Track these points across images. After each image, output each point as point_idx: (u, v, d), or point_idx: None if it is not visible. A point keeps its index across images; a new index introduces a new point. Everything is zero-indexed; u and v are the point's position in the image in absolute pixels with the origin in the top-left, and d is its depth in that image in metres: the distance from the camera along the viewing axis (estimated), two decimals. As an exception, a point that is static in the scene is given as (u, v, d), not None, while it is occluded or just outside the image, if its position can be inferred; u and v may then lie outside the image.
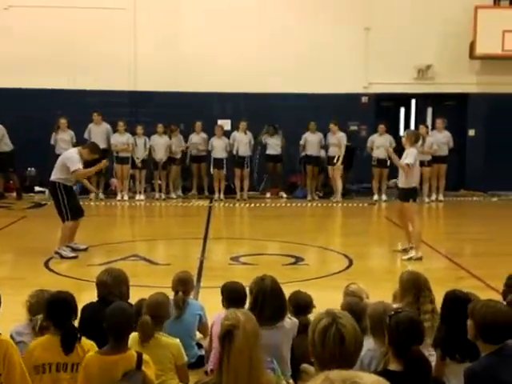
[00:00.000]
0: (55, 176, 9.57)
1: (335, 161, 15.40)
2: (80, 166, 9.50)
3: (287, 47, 16.17)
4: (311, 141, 15.79)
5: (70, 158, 9.54)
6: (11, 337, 4.39)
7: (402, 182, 9.66)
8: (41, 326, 4.50)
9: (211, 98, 16.19)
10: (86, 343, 4.10)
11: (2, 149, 15.39)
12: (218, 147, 15.64)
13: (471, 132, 17.04)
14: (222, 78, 15.89)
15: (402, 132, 17.06)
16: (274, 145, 15.93)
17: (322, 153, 15.85)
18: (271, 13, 16.32)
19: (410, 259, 9.37)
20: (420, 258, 9.41)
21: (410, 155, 9.49)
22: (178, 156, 15.82)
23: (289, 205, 15.31)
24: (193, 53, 16.01)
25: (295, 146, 15.85)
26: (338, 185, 15.53)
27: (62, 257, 9.30)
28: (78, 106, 15.67)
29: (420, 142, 10.88)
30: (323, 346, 2.80)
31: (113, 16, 16.09)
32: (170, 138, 15.66)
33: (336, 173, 15.48)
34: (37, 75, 15.73)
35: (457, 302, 4.38)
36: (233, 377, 3.03)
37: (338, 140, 15.40)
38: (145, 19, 16.24)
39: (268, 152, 16.02)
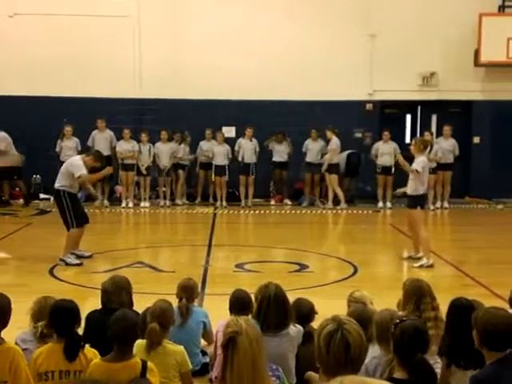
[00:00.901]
0: (59, 183, 9.59)
1: (322, 169, 15.38)
2: (84, 171, 9.54)
3: (292, 54, 16.19)
4: (312, 148, 15.80)
5: (73, 164, 9.58)
6: (16, 344, 4.39)
7: (410, 188, 9.66)
8: (42, 333, 4.50)
9: (216, 104, 16.20)
10: (89, 351, 4.10)
11: None
12: (219, 154, 15.66)
13: (476, 139, 17.01)
14: (227, 85, 15.92)
15: (407, 139, 17.07)
16: (280, 152, 15.93)
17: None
18: (276, 19, 16.35)
19: (421, 267, 9.34)
20: (431, 265, 9.37)
21: (418, 163, 9.51)
22: (187, 163, 15.93)
23: (293, 212, 15.30)
24: (197, 59, 16.04)
25: (300, 154, 15.84)
26: (338, 192, 15.50)
27: (66, 264, 9.32)
28: (83, 113, 15.69)
29: (428, 149, 10.79)
30: (328, 351, 2.80)
31: (117, 23, 16.14)
32: (181, 143, 15.72)
33: (333, 180, 15.45)
34: (41, 83, 15.78)
35: (461, 309, 4.37)
36: (237, 383, 3.02)
37: (330, 146, 15.39)
38: (149, 26, 16.29)
39: (274, 159, 16.02)
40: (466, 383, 3.74)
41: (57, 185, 9.63)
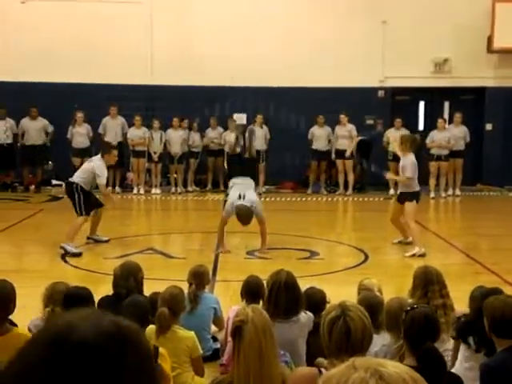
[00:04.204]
0: (77, 177, 9.69)
1: (347, 153, 15.43)
2: (105, 180, 9.77)
3: (303, 41, 16.12)
4: (319, 135, 15.77)
5: (98, 168, 9.65)
6: (29, 329, 4.43)
7: (404, 186, 9.56)
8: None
9: (227, 91, 16.18)
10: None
11: (36, 142, 15.54)
12: (232, 141, 15.63)
13: (488, 126, 16.90)
14: (239, 72, 15.87)
15: (421, 126, 17.09)
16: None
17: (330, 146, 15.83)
18: (286, 6, 16.28)
19: (413, 255, 9.16)
20: (424, 255, 9.12)
21: (408, 168, 9.33)
22: (199, 150, 15.97)
23: (304, 199, 15.29)
24: (209, 46, 16.00)
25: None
26: (350, 178, 15.54)
27: (66, 252, 9.19)
28: (94, 100, 15.72)
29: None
30: (330, 336, 2.85)
31: (129, 10, 16.12)
32: (191, 130, 15.78)
33: (348, 166, 15.49)
34: (53, 69, 15.79)
35: (481, 296, 4.36)
36: (243, 371, 3.07)
37: (349, 132, 15.40)
38: (161, 13, 16.25)
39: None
40: (477, 369, 3.76)
41: (74, 178, 9.74)
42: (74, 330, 1.05)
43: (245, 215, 9.11)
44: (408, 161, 9.39)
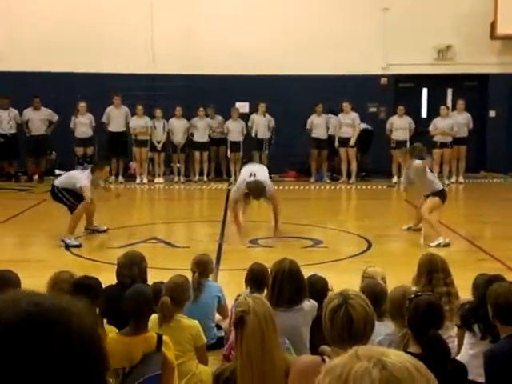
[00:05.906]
0: (58, 182, 9.62)
1: (351, 142, 15.40)
2: (87, 182, 9.36)
3: (305, 29, 16.03)
4: (318, 123, 15.73)
5: (78, 178, 9.45)
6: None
7: (428, 190, 9.55)
8: None
9: (229, 80, 16.13)
10: (108, 328, 4.14)
11: (40, 132, 15.50)
12: (234, 130, 15.61)
13: (492, 113, 16.85)
14: (240, 60, 15.81)
15: (424, 113, 17.03)
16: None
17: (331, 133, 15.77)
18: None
19: (438, 245, 9.07)
20: (448, 244, 9.11)
21: (420, 175, 9.50)
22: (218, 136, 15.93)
23: (307, 187, 15.28)
24: (211, 35, 15.95)
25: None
26: (353, 166, 15.53)
27: (66, 245, 9.11)
28: (97, 89, 15.68)
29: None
30: (332, 325, 2.85)
31: (131, -1, 16.10)
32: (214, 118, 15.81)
33: (351, 154, 15.48)
34: (56, 59, 15.74)
35: (481, 284, 4.37)
36: (246, 361, 3.08)
37: (353, 120, 15.37)
38: (162, 1, 16.19)
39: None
40: (481, 357, 3.76)
41: (56, 182, 9.71)
42: None
43: (256, 188, 9.11)
44: (413, 170, 9.54)
